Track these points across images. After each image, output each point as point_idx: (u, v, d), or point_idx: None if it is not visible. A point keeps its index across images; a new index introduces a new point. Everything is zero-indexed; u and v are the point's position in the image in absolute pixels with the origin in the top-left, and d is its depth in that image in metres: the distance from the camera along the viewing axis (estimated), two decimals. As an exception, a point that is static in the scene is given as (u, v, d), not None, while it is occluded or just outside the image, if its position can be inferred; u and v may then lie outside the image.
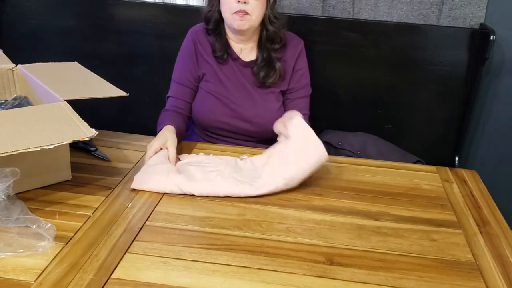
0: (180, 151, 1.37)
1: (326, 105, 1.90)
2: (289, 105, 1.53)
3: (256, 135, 1.50)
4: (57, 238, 0.94)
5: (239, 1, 1.36)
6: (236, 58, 1.50)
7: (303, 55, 1.56)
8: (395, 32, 1.79)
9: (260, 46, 1.49)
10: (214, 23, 1.48)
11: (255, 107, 1.49)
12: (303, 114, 1.49)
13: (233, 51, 1.50)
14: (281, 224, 1.05)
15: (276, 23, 1.46)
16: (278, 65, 1.48)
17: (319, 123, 1.87)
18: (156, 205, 1.09)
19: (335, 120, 1.89)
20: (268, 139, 1.44)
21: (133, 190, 1.15)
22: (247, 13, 1.38)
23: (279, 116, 1.37)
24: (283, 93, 1.54)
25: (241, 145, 1.47)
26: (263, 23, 1.45)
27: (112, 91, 1.24)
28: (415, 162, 1.67)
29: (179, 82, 1.51)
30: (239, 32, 1.45)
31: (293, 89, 1.54)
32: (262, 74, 1.47)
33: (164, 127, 1.35)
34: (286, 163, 1.18)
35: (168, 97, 1.52)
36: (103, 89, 1.26)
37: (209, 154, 1.33)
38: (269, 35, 1.46)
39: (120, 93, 1.24)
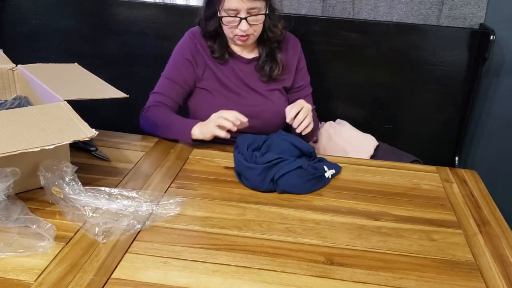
0: (180, 152, 1.37)
1: (326, 105, 1.90)
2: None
3: (258, 131, 1.49)
4: (57, 238, 0.94)
5: (241, 30, 1.39)
6: (237, 57, 1.52)
7: (302, 55, 1.59)
8: (395, 32, 1.79)
9: (261, 44, 1.51)
10: (213, 31, 1.47)
11: (261, 102, 1.50)
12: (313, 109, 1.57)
13: (233, 50, 1.52)
14: (281, 224, 1.05)
15: (275, 30, 1.48)
16: (279, 57, 1.51)
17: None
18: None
19: (335, 120, 1.88)
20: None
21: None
22: (249, 35, 1.42)
23: (283, 110, 1.40)
24: (286, 90, 1.57)
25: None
26: (263, 30, 1.48)
27: (112, 92, 1.24)
28: (412, 162, 1.67)
29: (171, 79, 1.48)
30: (240, 46, 1.50)
31: (301, 87, 1.58)
32: (267, 68, 1.50)
33: (194, 126, 1.37)
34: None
35: (154, 93, 1.49)
36: (103, 90, 1.26)
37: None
38: (268, 37, 1.49)
39: (120, 94, 1.23)
